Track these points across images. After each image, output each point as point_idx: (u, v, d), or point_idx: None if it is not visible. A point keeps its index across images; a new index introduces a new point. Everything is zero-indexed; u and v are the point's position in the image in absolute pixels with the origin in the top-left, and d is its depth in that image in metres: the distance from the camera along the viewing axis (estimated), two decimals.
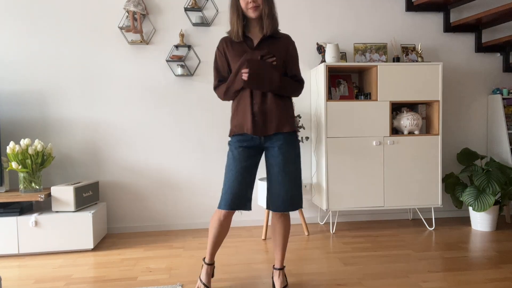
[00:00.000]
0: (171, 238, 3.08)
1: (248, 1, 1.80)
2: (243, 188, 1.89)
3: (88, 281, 2.23)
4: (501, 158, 3.46)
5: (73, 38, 3.19)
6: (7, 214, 2.70)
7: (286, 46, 1.92)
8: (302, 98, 3.42)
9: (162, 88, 3.29)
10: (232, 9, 1.86)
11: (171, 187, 3.32)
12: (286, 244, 2.02)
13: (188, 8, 3.23)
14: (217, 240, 1.98)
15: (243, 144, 1.91)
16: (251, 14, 1.83)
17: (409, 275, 2.24)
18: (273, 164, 1.91)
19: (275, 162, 1.90)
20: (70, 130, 3.20)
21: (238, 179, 1.87)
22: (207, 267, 2.04)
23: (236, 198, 1.87)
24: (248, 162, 1.90)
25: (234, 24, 1.86)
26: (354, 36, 3.48)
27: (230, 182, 1.88)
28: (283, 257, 2.02)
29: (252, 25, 1.90)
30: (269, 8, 1.84)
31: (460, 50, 3.60)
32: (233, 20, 1.86)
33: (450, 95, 3.60)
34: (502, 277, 2.19)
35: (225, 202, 1.87)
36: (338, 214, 3.45)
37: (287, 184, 1.88)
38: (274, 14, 1.87)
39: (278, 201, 1.89)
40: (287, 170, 1.88)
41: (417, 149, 3.16)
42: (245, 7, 1.83)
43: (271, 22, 1.85)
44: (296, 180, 1.91)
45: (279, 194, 1.89)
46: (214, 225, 1.94)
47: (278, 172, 1.89)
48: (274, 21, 1.87)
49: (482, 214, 3.12)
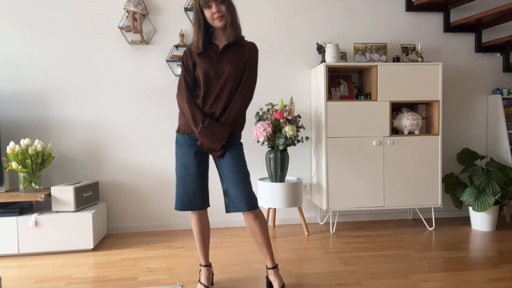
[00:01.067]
0: (171, 238, 3.08)
1: (213, 11, 1.86)
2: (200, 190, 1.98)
3: (88, 281, 2.23)
4: (501, 158, 3.46)
5: (73, 38, 3.19)
6: (7, 214, 2.71)
7: (248, 53, 1.96)
8: (302, 98, 3.42)
9: (162, 88, 3.29)
10: (194, 20, 1.92)
11: (171, 187, 3.32)
12: (269, 241, 2.00)
13: (188, 8, 3.24)
14: (201, 238, 2.08)
15: (192, 149, 1.96)
16: (217, 23, 1.89)
17: (409, 275, 2.24)
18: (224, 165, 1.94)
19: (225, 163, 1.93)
20: (70, 130, 3.20)
21: (192, 185, 1.96)
22: (205, 269, 2.10)
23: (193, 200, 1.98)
24: (200, 169, 1.98)
25: (195, 35, 1.93)
26: (354, 36, 3.48)
27: (184, 187, 1.97)
28: (272, 255, 2.00)
29: (218, 34, 1.96)
30: (232, 16, 1.90)
31: (460, 50, 3.60)
32: (195, 31, 1.93)
33: (450, 95, 3.60)
34: (502, 277, 2.19)
35: (181, 204, 1.98)
36: (338, 214, 3.45)
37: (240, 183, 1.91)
38: (236, 22, 1.93)
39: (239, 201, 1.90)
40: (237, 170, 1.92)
41: (417, 149, 3.16)
42: (211, 17, 1.88)
43: (233, 30, 1.91)
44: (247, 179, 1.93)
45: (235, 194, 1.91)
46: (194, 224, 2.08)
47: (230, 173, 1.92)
48: (237, 29, 1.93)
49: (482, 214, 3.12)
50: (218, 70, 1.91)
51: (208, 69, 1.91)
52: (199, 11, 1.89)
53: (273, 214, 3.33)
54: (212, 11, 1.86)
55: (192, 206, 1.99)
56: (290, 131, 2.93)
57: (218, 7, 1.85)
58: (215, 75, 1.91)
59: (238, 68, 1.93)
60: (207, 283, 2.07)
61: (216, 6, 1.85)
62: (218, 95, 1.92)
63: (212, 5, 1.85)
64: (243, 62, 1.95)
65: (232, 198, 1.93)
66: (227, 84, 1.91)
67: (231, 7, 1.90)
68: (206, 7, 1.86)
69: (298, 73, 3.42)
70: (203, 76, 1.92)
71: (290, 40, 3.41)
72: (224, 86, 1.91)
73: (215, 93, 1.92)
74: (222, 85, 1.91)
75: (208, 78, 1.91)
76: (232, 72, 1.91)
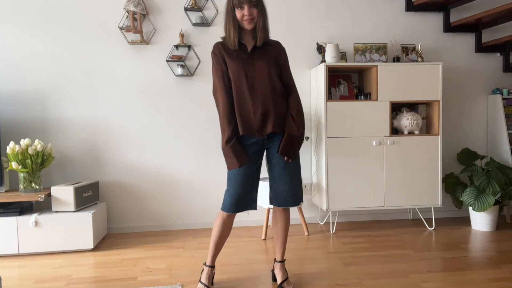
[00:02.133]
0: (171, 238, 3.08)
1: (244, 13, 1.88)
2: (248, 191, 1.98)
3: (88, 281, 2.23)
4: (501, 158, 3.46)
5: (73, 38, 3.19)
6: (7, 214, 2.71)
7: (277, 52, 2.02)
8: (302, 98, 3.42)
9: (162, 88, 3.29)
10: (228, 18, 1.93)
11: (171, 187, 3.32)
12: (287, 237, 2.13)
13: (188, 8, 3.24)
14: (220, 241, 2.06)
15: (248, 149, 1.98)
16: (247, 26, 1.92)
17: (409, 275, 2.24)
18: (274, 163, 2.01)
19: (276, 161, 2.00)
20: (70, 130, 3.20)
21: (243, 185, 1.96)
22: (208, 269, 2.09)
23: (241, 201, 1.97)
24: (254, 168, 1.99)
25: (230, 34, 1.94)
26: (354, 36, 3.48)
27: (235, 188, 1.96)
28: (284, 250, 2.14)
29: (245, 33, 1.99)
30: (263, 20, 1.94)
31: (460, 50, 3.60)
32: (230, 29, 1.94)
33: (450, 95, 3.60)
34: (502, 277, 2.19)
35: (230, 206, 1.97)
36: (338, 214, 3.45)
37: (289, 181, 1.98)
38: (267, 26, 1.97)
39: (281, 197, 2.00)
40: (288, 168, 1.98)
41: (417, 149, 3.16)
42: (241, 18, 1.91)
43: (264, 33, 1.95)
44: (297, 176, 2.02)
45: (282, 191, 1.99)
46: (218, 225, 2.04)
47: (280, 170, 1.99)
48: (267, 33, 1.98)
49: (482, 214, 3.12)
50: (252, 69, 1.94)
51: (241, 68, 1.93)
52: (232, 9, 1.91)
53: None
54: (244, 12, 1.88)
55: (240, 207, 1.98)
56: None
57: (250, 10, 1.88)
58: (249, 72, 1.94)
59: (270, 65, 1.96)
60: (208, 282, 2.07)
61: (248, 8, 1.88)
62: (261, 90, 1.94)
63: (244, 7, 1.88)
64: (274, 60, 1.99)
65: (277, 194, 2.01)
66: (264, 78, 1.94)
67: (263, 11, 1.94)
68: (238, 7, 1.89)
69: (298, 73, 3.42)
70: (236, 75, 1.94)
71: (290, 40, 3.41)
72: (263, 80, 1.94)
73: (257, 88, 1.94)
74: (260, 79, 1.94)
75: (242, 77, 1.94)
76: (267, 69, 1.94)
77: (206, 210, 3.37)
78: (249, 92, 1.94)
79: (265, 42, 1.98)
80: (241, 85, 1.94)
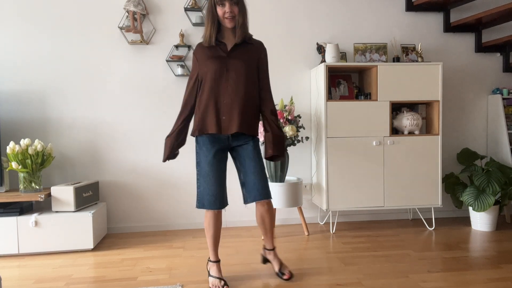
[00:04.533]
0: (171, 238, 3.08)
1: (225, 10, 1.92)
2: (222, 187, 2.05)
3: (88, 281, 2.23)
4: (501, 158, 3.46)
5: (73, 38, 3.19)
6: (7, 214, 2.71)
7: (258, 52, 2.06)
8: (302, 98, 3.42)
9: (162, 88, 3.29)
10: (208, 15, 1.98)
11: (171, 187, 3.32)
12: (273, 227, 2.23)
13: (188, 8, 3.24)
14: (216, 236, 2.12)
15: (214, 147, 2.03)
16: (228, 24, 1.97)
17: (409, 275, 2.24)
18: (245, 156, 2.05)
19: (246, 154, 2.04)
20: (70, 130, 3.20)
21: (217, 182, 2.02)
22: (215, 264, 2.14)
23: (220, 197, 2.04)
24: (221, 165, 2.06)
25: (207, 30, 1.99)
26: (354, 36, 3.48)
27: (209, 185, 2.02)
28: (273, 238, 2.24)
29: (227, 32, 2.03)
30: (243, 18, 1.98)
31: (460, 50, 3.60)
32: (207, 26, 1.98)
33: (450, 95, 3.60)
34: (502, 277, 2.19)
35: (212, 203, 2.03)
36: (338, 214, 3.45)
37: (259, 171, 2.05)
38: (246, 24, 2.02)
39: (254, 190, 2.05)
40: (257, 161, 2.06)
41: (417, 149, 3.16)
42: (222, 16, 1.95)
43: (243, 31, 1.99)
44: (264, 170, 2.09)
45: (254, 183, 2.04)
46: (211, 224, 2.09)
47: (249, 162, 2.05)
48: (246, 30, 2.02)
49: (482, 214, 3.12)
50: (229, 67, 1.97)
51: (218, 66, 1.97)
52: (213, 6, 1.94)
53: None
54: (225, 10, 1.92)
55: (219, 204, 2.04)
56: (290, 131, 2.93)
57: (231, 7, 1.92)
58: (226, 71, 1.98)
59: (248, 64, 2.00)
60: (220, 275, 2.11)
61: (229, 6, 1.92)
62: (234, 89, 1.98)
63: (226, 4, 1.91)
64: (254, 60, 2.03)
65: (250, 188, 2.05)
66: (240, 79, 1.98)
67: (244, 9, 1.98)
68: (220, 4, 1.93)
69: (298, 73, 3.42)
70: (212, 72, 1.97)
71: (290, 40, 3.41)
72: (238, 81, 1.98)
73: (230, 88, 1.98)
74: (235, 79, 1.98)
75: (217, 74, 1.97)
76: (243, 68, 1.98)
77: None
78: (221, 90, 1.99)
79: (247, 41, 2.02)
80: (214, 84, 1.98)
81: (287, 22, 3.41)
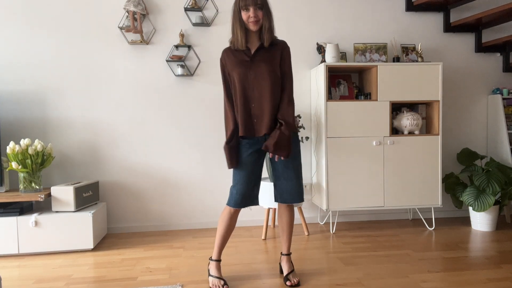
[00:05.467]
0: (171, 238, 3.08)
1: (250, 15, 1.94)
2: (251, 189, 2.09)
3: (88, 281, 2.23)
4: (501, 158, 3.46)
5: (73, 38, 3.19)
6: (7, 214, 2.71)
7: (280, 51, 2.07)
8: (302, 98, 3.42)
9: (162, 88, 3.29)
10: (235, 20, 2.00)
11: (171, 187, 3.32)
12: (292, 232, 2.23)
13: (188, 8, 3.23)
14: (226, 235, 2.14)
15: (251, 148, 2.06)
16: (252, 27, 1.98)
17: (409, 275, 2.24)
18: (277, 161, 2.08)
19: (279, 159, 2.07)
20: (70, 130, 3.20)
21: (246, 182, 2.06)
22: (216, 263, 2.15)
23: (245, 198, 2.07)
24: (256, 166, 2.09)
25: (238, 35, 2.01)
26: (354, 36, 3.48)
27: (239, 184, 2.06)
28: (290, 244, 2.24)
29: (251, 35, 2.04)
30: (269, 22, 2.00)
31: (460, 50, 3.60)
32: (237, 31, 2.00)
33: (450, 95, 3.60)
34: (502, 277, 2.19)
35: (235, 202, 2.06)
36: (338, 214, 3.45)
37: (292, 178, 2.08)
38: (272, 28, 2.03)
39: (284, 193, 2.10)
40: (291, 166, 2.07)
41: (417, 149, 3.16)
42: (246, 20, 1.97)
43: (270, 35, 2.01)
44: (298, 174, 2.11)
45: (285, 188, 2.09)
46: (224, 220, 2.12)
47: (282, 168, 2.08)
48: (272, 34, 2.04)
49: (482, 214, 3.12)
50: (252, 71, 2.00)
51: (243, 70, 2.00)
52: (238, 11, 1.97)
53: (273, 214, 3.33)
54: (249, 14, 1.93)
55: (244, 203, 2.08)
56: None
57: (256, 12, 1.94)
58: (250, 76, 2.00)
59: (272, 66, 2.01)
60: (219, 274, 2.13)
61: (254, 10, 1.93)
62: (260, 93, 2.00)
63: (250, 9, 1.93)
64: (277, 61, 2.04)
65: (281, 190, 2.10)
66: (264, 82, 1.99)
67: (269, 13, 1.99)
68: (244, 9, 1.94)
69: (298, 73, 3.42)
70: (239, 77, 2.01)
71: (290, 40, 3.41)
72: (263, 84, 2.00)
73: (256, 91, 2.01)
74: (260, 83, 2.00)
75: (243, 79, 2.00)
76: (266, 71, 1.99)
77: (206, 210, 3.37)
78: (250, 94, 2.02)
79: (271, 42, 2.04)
80: (242, 89, 2.02)
81: (287, 22, 3.41)
